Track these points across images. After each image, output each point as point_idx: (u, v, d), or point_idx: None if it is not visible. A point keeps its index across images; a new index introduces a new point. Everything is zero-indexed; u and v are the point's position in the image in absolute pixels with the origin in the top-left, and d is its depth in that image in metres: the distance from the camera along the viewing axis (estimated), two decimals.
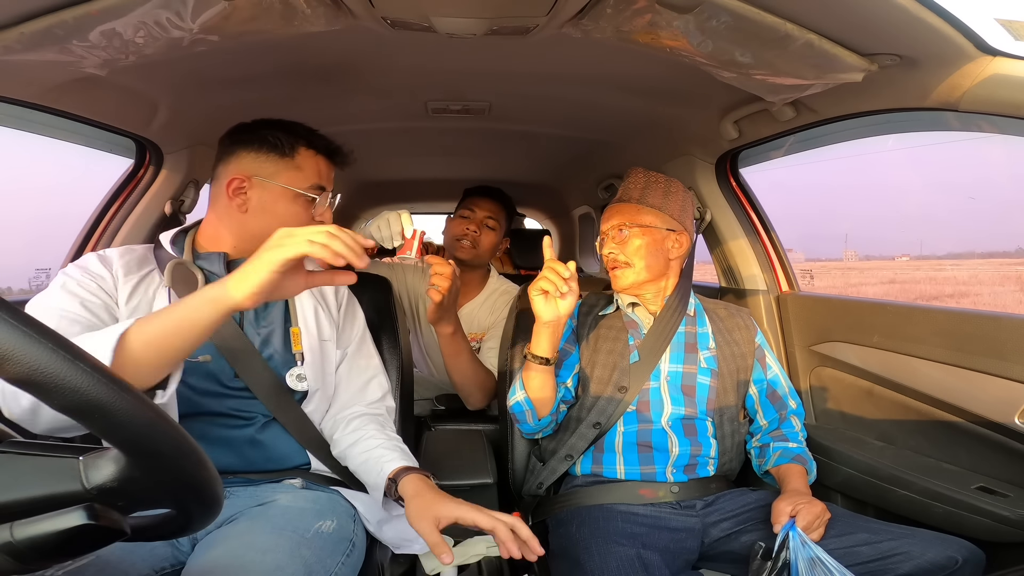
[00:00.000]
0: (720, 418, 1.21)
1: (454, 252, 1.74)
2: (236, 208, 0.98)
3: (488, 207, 1.75)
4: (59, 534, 0.40)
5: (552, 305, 1.04)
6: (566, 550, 1.06)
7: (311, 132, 1.04)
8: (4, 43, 0.82)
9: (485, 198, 1.77)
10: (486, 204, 1.76)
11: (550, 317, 1.05)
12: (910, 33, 0.81)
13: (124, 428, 0.40)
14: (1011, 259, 28.76)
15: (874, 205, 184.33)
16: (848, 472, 1.21)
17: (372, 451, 0.99)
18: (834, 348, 1.35)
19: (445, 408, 1.70)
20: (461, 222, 1.74)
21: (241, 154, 0.99)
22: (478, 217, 1.74)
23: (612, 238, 1.26)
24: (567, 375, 1.23)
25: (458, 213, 1.78)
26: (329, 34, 0.95)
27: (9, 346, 0.36)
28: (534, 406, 1.15)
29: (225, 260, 0.99)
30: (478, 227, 1.72)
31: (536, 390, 1.13)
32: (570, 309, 1.05)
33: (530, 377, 1.13)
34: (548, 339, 1.08)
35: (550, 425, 1.21)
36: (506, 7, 0.90)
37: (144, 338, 0.69)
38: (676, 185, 1.30)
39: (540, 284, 1.03)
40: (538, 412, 1.16)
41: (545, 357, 1.09)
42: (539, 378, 1.12)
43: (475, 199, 1.77)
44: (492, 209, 1.75)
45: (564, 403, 1.22)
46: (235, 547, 0.80)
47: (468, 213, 1.75)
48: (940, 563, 0.89)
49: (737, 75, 1.00)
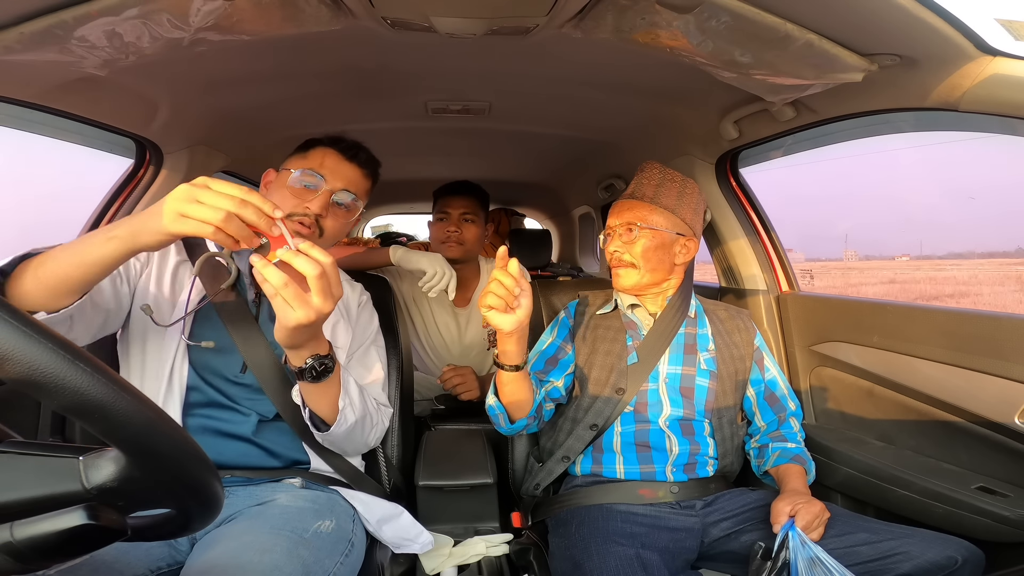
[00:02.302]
0: (719, 420, 1.21)
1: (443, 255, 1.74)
2: None
3: (461, 203, 1.78)
4: (59, 534, 0.40)
5: (508, 315, 0.94)
6: (565, 550, 1.06)
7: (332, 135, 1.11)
8: (4, 43, 0.82)
9: (455, 196, 1.80)
10: (458, 201, 1.78)
11: (511, 327, 0.95)
12: (910, 33, 0.81)
13: (124, 428, 0.40)
14: (1011, 259, 28.73)
15: (874, 205, 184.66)
16: (848, 472, 1.21)
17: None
18: (834, 348, 1.35)
19: (445, 408, 1.70)
20: (440, 225, 1.77)
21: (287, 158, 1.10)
22: (454, 216, 1.76)
23: (619, 236, 1.23)
24: (559, 375, 1.21)
25: (435, 216, 1.81)
26: (329, 34, 0.95)
27: (9, 346, 0.36)
28: (507, 411, 1.10)
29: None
30: (457, 225, 1.75)
31: (509, 395, 1.08)
32: (529, 310, 0.95)
33: (503, 383, 1.07)
34: (515, 346, 1.01)
35: (530, 425, 1.16)
36: (506, 7, 0.90)
37: (48, 265, 0.73)
38: (691, 186, 1.26)
39: (488, 301, 0.93)
40: (511, 416, 1.11)
41: (516, 364, 1.03)
42: (511, 384, 1.06)
43: (447, 199, 1.79)
44: (466, 204, 1.78)
45: (552, 401, 1.20)
46: (233, 547, 0.80)
47: (444, 215, 1.78)
48: (940, 563, 0.89)
49: (737, 75, 1.00)
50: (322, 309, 0.75)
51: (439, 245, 1.77)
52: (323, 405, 0.93)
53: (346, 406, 0.94)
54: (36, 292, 0.74)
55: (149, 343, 0.98)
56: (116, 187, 1.43)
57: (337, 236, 1.09)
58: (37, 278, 0.74)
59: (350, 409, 0.95)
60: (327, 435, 0.95)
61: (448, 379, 1.64)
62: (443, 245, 1.75)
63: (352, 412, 0.96)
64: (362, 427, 1.01)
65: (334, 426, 0.94)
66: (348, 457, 1.08)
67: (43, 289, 0.74)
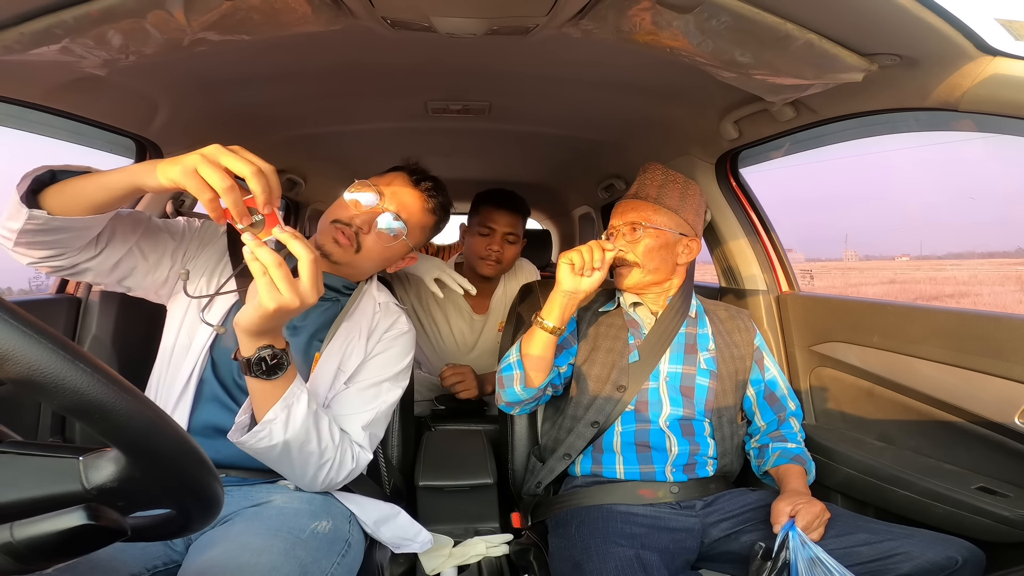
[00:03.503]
0: (719, 419, 1.21)
1: (478, 270, 1.71)
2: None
3: (507, 222, 1.69)
4: (59, 534, 0.40)
5: (576, 277, 1.05)
6: (565, 550, 1.06)
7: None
8: (4, 43, 0.82)
9: (502, 211, 1.70)
10: (504, 219, 1.69)
11: (570, 287, 1.06)
12: (910, 33, 0.81)
13: (124, 428, 0.40)
14: (1011, 259, 28.75)
15: (874, 205, 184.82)
16: (848, 472, 1.21)
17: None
18: (834, 348, 1.35)
19: (445, 408, 1.70)
20: (482, 241, 1.69)
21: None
22: (499, 235, 1.69)
23: (623, 235, 1.23)
24: (563, 362, 1.22)
25: (475, 229, 1.72)
26: (329, 34, 0.95)
27: (9, 346, 0.36)
28: (525, 370, 1.11)
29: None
30: (500, 245, 1.69)
31: (533, 358, 1.10)
32: (594, 286, 1.06)
33: (532, 341, 1.10)
34: (561, 308, 1.07)
35: (533, 400, 1.17)
36: (506, 7, 0.90)
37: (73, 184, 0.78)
38: (693, 187, 1.27)
39: (571, 256, 1.05)
40: (527, 379, 1.12)
41: (554, 325, 1.08)
42: (540, 344, 1.09)
43: (492, 213, 1.70)
44: (511, 224, 1.70)
45: (552, 387, 1.21)
46: (230, 548, 0.80)
47: (488, 231, 1.69)
48: (940, 563, 0.89)
49: (737, 75, 1.00)
50: (308, 297, 0.73)
51: (477, 260, 1.71)
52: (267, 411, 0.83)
53: (276, 419, 0.82)
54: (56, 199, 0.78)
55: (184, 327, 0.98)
56: None
57: (374, 259, 1.04)
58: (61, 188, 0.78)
59: (280, 426, 0.82)
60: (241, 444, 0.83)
61: (447, 377, 1.63)
62: (482, 261, 1.69)
63: (283, 431, 0.82)
64: (300, 457, 0.87)
65: (247, 435, 0.82)
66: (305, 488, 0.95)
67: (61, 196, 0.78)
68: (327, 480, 0.93)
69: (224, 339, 0.97)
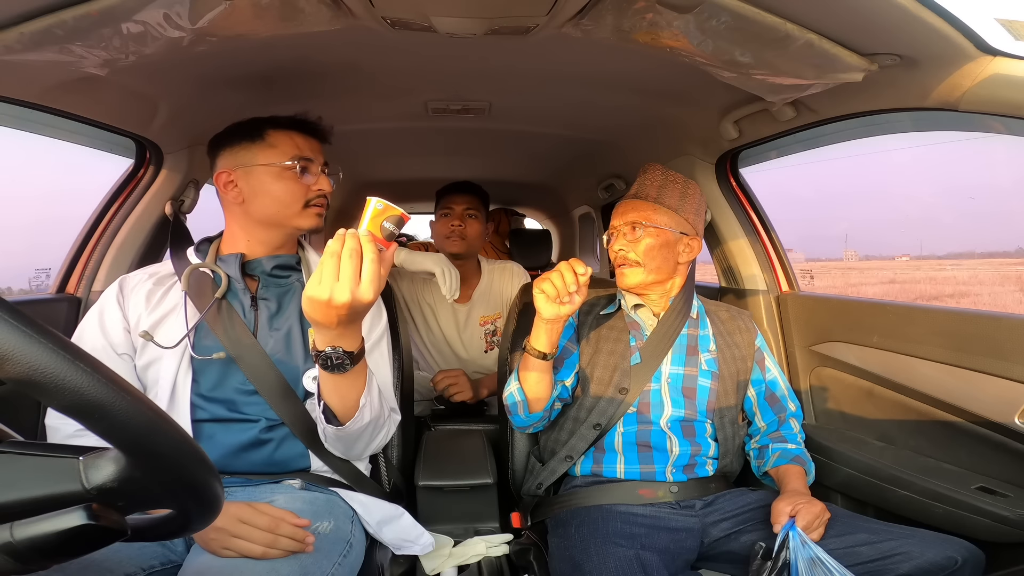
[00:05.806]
0: (720, 420, 1.21)
1: (446, 249, 1.81)
2: (235, 202, 1.05)
3: (464, 200, 1.83)
4: (59, 534, 0.40)
5: (554, 304, 1.03)
6: (565, 550, 1.06)
7: (276, 116, 1.09)
8: (4, 43, 0.82)
9: (460, 193, 1.84)
10: (462, 198, 1.83)
11: (550, 315, 1.03)
12: (910, 33, 0.81)
13: (124, 428, 0.40)
14: (1011, 259, 28.75)
15: (874, 205, 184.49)
16: (848, 472, 1.21)
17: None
18: (834, 348, 1.35)
19: (445, 408, 1.70)
20: (444, 221, 1.82)
21: (222, 154, 1.07)
22: (458, 211, 1.81)
23: (624, 235, 1.23)
24: (568, 374, 1.22)
25: (439, 213, 1.85)
26: (329, 34, 0.95)
27: (9, 346, 0.36)
28: (527, 400, 1.13)
29: (241, 260, 1.04)
30: (461, 220, 1.80)
31: (532, 384, 1.12)
32: (573, 309, 1.03)
33: (527, 371, 1.11)
34: (547, 335, 1.07)
35: (541, 421, 1.20)
36: (506, 7, 0.90)
37: None
38: (693, 188, 1.28)
39: (543, 286, 1.01)
40: (530, 407, 1.14)
41: (543, 352, 1.08)
42: (536, 373, 1.10)
43: (451, 196, 1.84)
44: (468, 201, 1.83)
45: (560, 401, 1.21)
46: None
47: (447, 211, 1.82)
48: (940, 563, 0.89)
49: (737, 75, 1.00)
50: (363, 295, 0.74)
51: (443, 240, 1.81)
52: (336, 399, 0.90)
53: (366, 404, 0.91)
54: None
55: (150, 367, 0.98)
56: (116, 187, 1.43)
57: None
58: None
59: (368, 408, 0.92)
60: (340, 431, 0.92)
61: (439, 382, 1.66)
62: (447, 240, 1.80)
63: (369, 411, 0.93)
64: (373, 430, 0.99)
65: (349, 423, 0.91)
66: (353, 461, 1.06)
67: None
68: (379, 445, 1.06)
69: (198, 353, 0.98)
